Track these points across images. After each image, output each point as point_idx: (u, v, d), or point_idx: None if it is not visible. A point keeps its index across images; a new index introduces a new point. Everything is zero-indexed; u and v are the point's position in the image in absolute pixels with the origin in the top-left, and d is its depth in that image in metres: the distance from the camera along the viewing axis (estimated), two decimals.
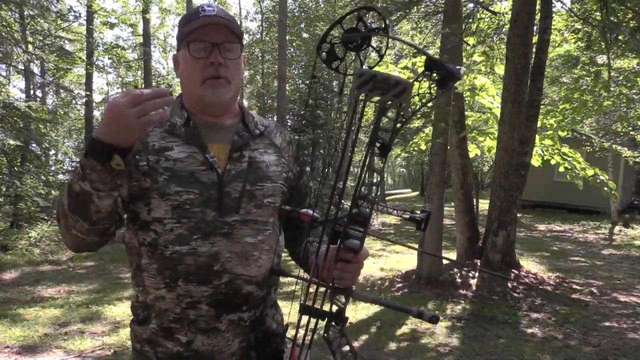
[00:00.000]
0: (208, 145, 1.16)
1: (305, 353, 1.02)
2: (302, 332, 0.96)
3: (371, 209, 0.90)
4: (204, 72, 1.14)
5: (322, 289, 0.97)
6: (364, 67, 0.91)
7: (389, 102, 0.82)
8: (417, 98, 0.87)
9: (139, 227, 1.14)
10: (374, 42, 0.92)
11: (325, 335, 0.95)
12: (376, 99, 0.83)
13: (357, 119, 0.89)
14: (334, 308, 0.97)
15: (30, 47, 9.71)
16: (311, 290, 0.97)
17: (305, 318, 0.96)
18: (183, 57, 1.18)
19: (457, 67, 0.83)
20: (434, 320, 0.93)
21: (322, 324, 0.96)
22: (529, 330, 4.47)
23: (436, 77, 0.83)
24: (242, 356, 1.19)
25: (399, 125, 0.85)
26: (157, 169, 1.11)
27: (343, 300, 0.99)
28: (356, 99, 0.84)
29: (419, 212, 0.93)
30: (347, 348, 0.96)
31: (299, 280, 1.05)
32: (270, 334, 1.24)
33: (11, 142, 7.72)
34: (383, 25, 0.91)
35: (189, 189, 1.11)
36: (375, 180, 0.90)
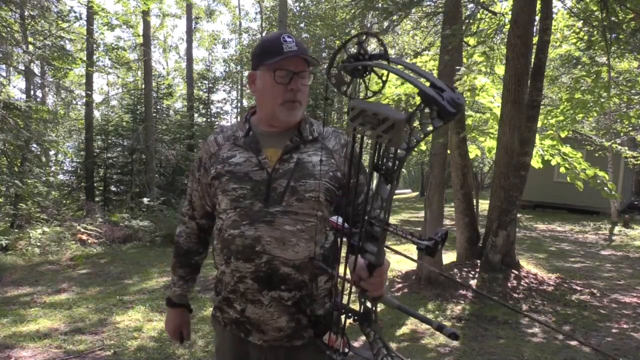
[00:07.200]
0: (263, 149, 1.38)
1: (339, 340, 1.18)
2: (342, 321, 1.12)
3: (382, 229, 0.92)
4: (284, 95, 1.35)
5: (354, 290, 1.10)
6: (362, 96, 0.92)
7: (379, 138, 0.80)
8: (417, 127, 0.84)
9: (217, 217, 1.43)
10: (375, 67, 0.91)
11: (369, 338, 1.04)
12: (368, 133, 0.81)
13: (357, 148, 0.95)
14: (363, 308, 1.06)
15: (30, 47, 9.70)
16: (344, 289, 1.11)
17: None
18: (263, 78, 1.37)
19: (459, 93, 0.78)
20: (453, 337, 0.92)
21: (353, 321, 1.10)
22: (529, 331, 4.47)
23: (434, 109, 0.79)
24: (291, 334, 1.36)
25: (401, 153, 0.85)
26: (222, 173, 1.39)
27: (369, 303, 1.06)
28: (353, 130, 0.85)
29: (427, 239, 0.90)
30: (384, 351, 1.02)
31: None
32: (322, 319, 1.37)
33: (11, 142, 7.71)
34: (383, 51, 0.90)
35: (243, 186, 1.35)
36: (384, 205, 0.92)
